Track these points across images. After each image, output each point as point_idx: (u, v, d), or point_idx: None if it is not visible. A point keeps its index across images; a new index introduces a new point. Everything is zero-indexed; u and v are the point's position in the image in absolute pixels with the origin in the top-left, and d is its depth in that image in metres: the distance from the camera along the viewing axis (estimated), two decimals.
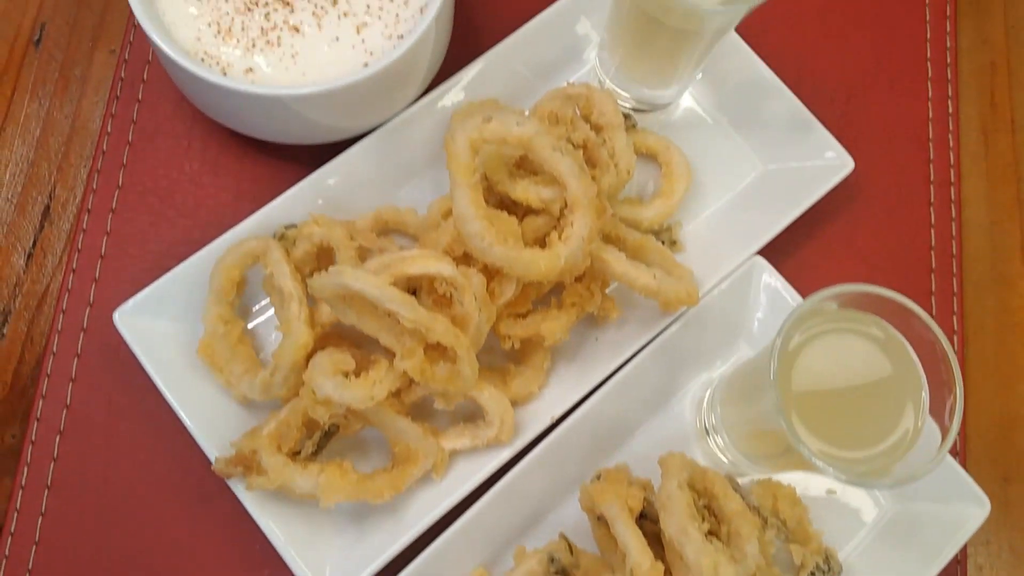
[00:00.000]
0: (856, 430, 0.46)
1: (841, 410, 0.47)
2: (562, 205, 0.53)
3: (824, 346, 0.46)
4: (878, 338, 0.46)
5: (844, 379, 0.46)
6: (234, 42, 0.55)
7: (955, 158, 0.66)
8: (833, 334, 0.47)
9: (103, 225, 0.60)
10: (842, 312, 0.46)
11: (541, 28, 0.62)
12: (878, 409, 0.46)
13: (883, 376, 0.46)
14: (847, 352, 0.46)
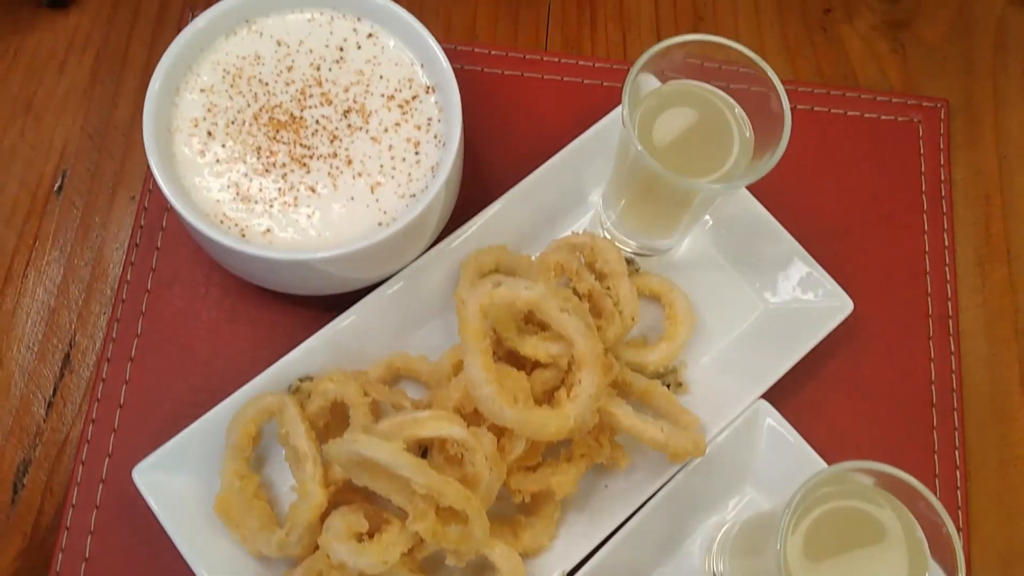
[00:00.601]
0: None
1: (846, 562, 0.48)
2: (569, 360, 0.55)
3: (830, 516, 0.48)
4: (886, 514, 0.47)
5: (850, 549, 0.48)
6: (252, 204, 0.58)
7: (952, 291, 0.68)
8: (841, 501, 0.48)
9: (122, 374, 0.62)
10: (851, 486, 0.48)
11: (546, 176, 0.64)
12: None
13: (889, 551, 0.47)
14: (853, 523, 0.48)
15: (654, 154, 0.52)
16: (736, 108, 0.55)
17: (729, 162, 0.54)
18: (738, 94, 0.55)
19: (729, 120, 0.55)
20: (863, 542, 0.47)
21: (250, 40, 0.62)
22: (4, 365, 0.63)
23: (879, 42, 0.76)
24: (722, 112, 0.56)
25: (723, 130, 0.55)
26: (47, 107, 0.70)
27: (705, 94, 0.56)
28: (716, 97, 0.56)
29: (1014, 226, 0.71)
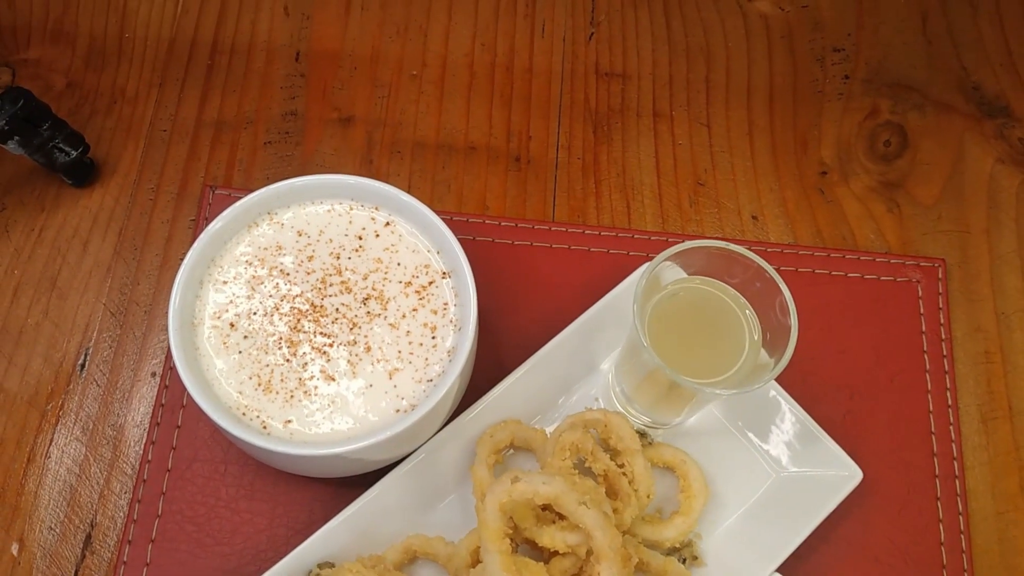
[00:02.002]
0: None
1: None
2: (588, 548, 0.58)
3: None
4: None
5: None
6: (274, 395, 0.61)
7: (958, 450, 0.71)
8: None
9: (143, 556, 0.64)
10: None
11: (558, 348, 0.68)
12: None
13: None
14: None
15: (663, 353, 0.56)
16: (748, 309, 0.59)
17: (738, 364, 0.58)
18: (747, 290, 0.59)
19: (741, 322, 0.59)
20: None
21: (272, 231, 0.66)
22: (26, 547, 0.65)
23: (875, 203, 0.80)
24: (734, 312, 0.59)
25: (734, 332, 0.59)
26: (71, 285, 0.74)
27: (717, 292, 0.60)
28: (727, 295, 0.59)
29: (1014, 382, 0.74)
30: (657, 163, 0.81)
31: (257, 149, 0.79)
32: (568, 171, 0.80)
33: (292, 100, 0.81)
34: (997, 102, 0.85)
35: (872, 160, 0.82)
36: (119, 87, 0.81)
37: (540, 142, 0.81)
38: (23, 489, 0.67)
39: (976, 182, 0.81)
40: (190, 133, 0.79)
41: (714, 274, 0.59)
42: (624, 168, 0.80)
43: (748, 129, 0.82)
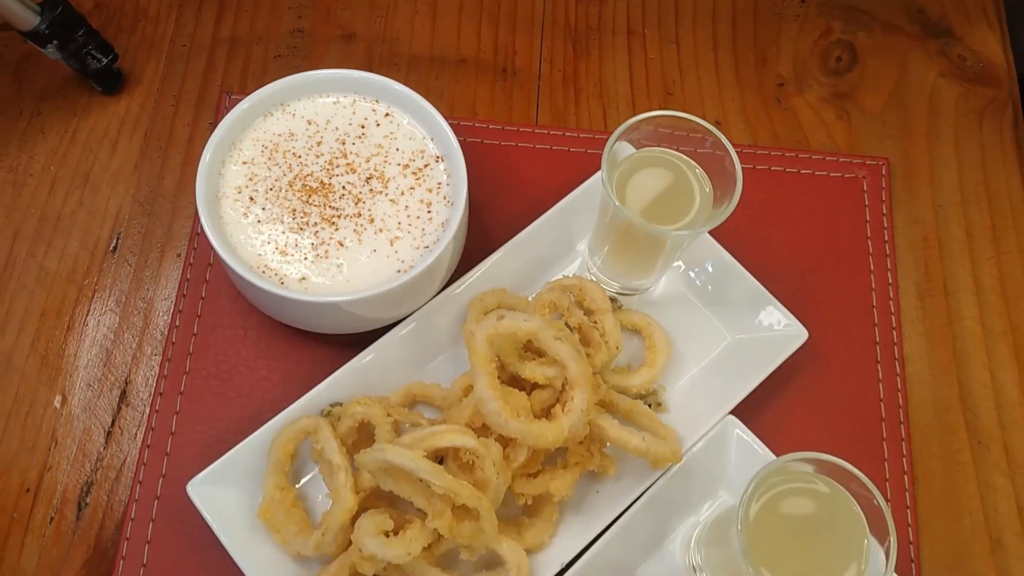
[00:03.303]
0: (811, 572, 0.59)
1: (798, 555, 0.60)
2: (563, 381, 0.68)
3: (784, 499, 0.60)
4: (826, 494, 0.60)
5: (800, 528, 0.60)
6: (289, 256, 0.71)
7: (896, 322, 0.81)
8: (790, 489, 0.60)
9: (173, 406, 0.75)
10: (796, 474, 0.60)
11: (539, 229, 0.78)
12: (830, 554, 0.59)
13: (832, 526, 0.59)
14: (800, 505, 0.60)
15: (629, 209, 0.66)
16: (697, 169, 0.69)
17: (692, 213, 0.68)
18: (698, 157, 0.69)
19: (691, 179, 0.70)
20: (809, 519, 0.60)
21: (284, 120, 0.76)
22: (68, 402, 0.76)
23: (827, 111, 0.91)
24: (685, 172, 0.70)
25: (686, 187, 0.69)
26: (102, 179, 0.84)
27: (671, 158, 0.70)
28: (680, 160, 0.70)
29: (949, 265, 0.85)
30: (631, 76, 0.91)
31: (268, 62, 0.90)
32: (550, 82, 0.90)
33: (299, 19, 0.92)
34: (940, 24, 0.95)
35: (824, 74, 0.93)
36: (142, 7, 0.91)
37: (524, 56, 0.91)
38: (63, 352, 0.77)
39: (919, 94, 0.92)
40: (207, 48, 0.90)
41: (667, 142, 0.69)
42: (601, 80, 0.91)
43: (713, 46, 0.93)
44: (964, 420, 0.79)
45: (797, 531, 0.61)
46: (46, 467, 0.73)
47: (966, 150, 0.90)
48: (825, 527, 0.60)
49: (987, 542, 0.75)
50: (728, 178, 0.66)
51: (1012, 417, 0.79)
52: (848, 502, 0.59)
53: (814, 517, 0.60)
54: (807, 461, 0.59)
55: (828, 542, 0.60)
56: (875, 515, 0.58)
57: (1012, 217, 0.87)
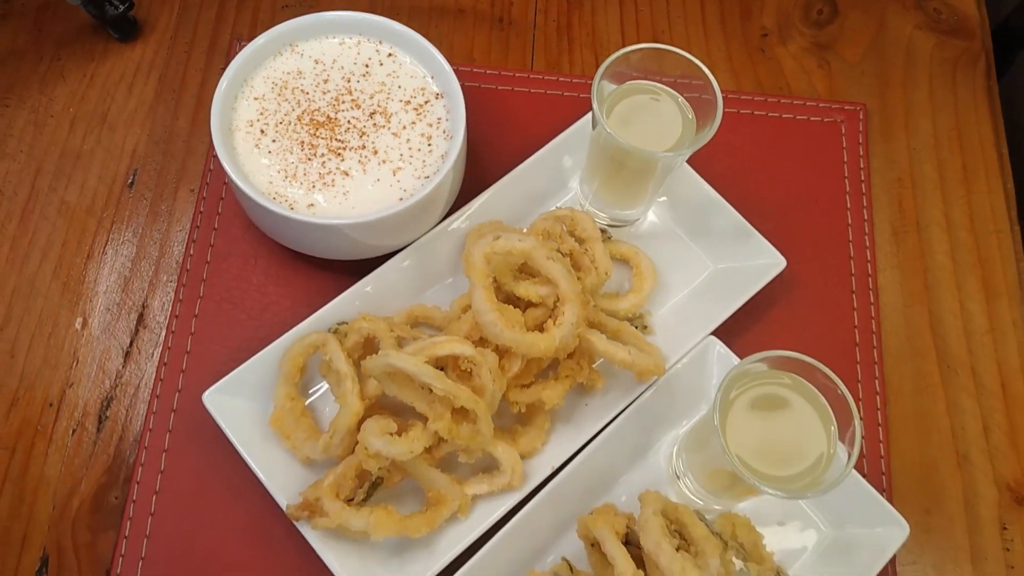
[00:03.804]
0: (784, 459, 0.64)
1: (771, 444, 0.65)
2: (555, 300, 0.73)
3: (753, 397, 0.65)
4: (794, 388, 0.65)
5: (771, 421, 0.65)
6: (298, 184, 0.76)
7: (871, 255, 0.87)
8: (759, 388, 0.66)
9: (188, 327, 0.80)
10: (766, 372, 0.65)
11: (533, 165, 0.83)
12: (799, 441, 0.65)
13: (800, 416, 0.65)
14: (771, 400, 0.65)
15: (618, 133, 0.71)
16: (679, 98, 0.74)
17: (677, 136, 0.73)
18: (680, 87, 0.74)
19: (675, 106, 0.75)
20: (779, 412, 0.65)
21: (293, 59, 0.81)
22: (88, 324, 0.81)
23: (808, 60, 0.96)
24: (669, 100, 0.75)
25: (670, 113, 0.74)
26: (119, 119, 0.89)
27: (655, 88, 0.75)
28: (663, 91, 0.75)
29: (922, 203, 0.90)
30: (622, 26, 0.96)
31: (276, 12, 0.95)
32: (545, 32, 0.95)
33: None
34: None
35: (806, 25, 0.98)
36: None
37: (520, 7, 0.96)
38: (84, 279, 0.82)
39: (896, 45, 0.97)
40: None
41: (652, 75, 0.74)
42: (593, 30, 0.96)
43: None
44: (934, 346, 0.84)
45: (769, 424, 0.66)
46: (68, 383, 0.78)
47: (940, 98, 0.95)
48: (794, 419, 0.65)
49: (954, 457, 0.80)
50: (709, 105, 0.72)
51: (979, 343, 0.84)
52: (814, 395, 0.64)
53: (783, 410, 0.65)
54: (774, 359, 0.65)
55: (797, 432, 0.65)
56: (839, 404, 0.63)
57: (983, 160, 0.92)
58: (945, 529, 0.78)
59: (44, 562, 0.73)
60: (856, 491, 0.73)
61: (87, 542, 0.73)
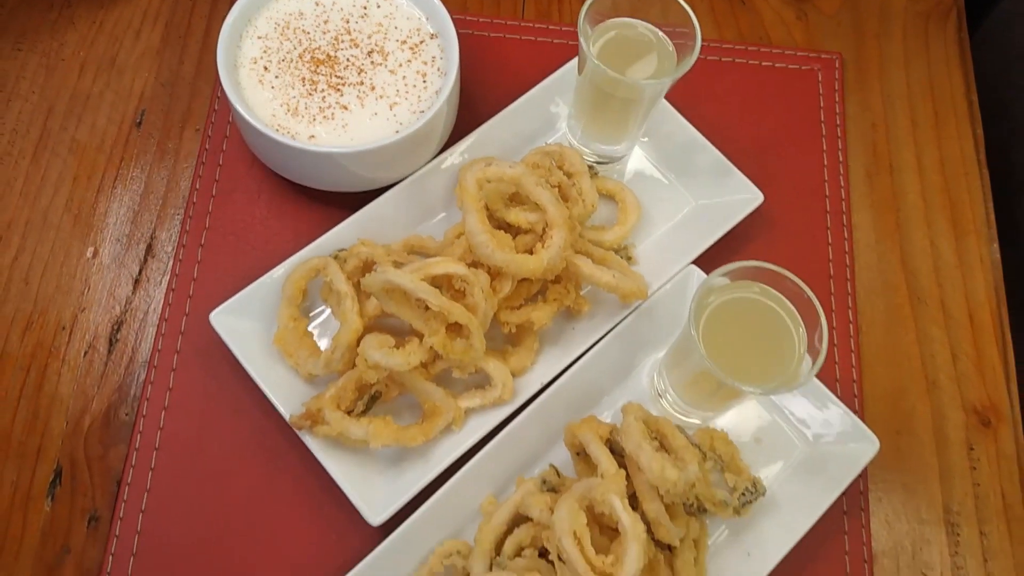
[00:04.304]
0: (758, 361, 0.69)
1: (745, 348, 0.70)
2: (544, 226, 0.77)
3: (726, 307, 0.70)
4: (763, 295, 0.69)
5: (743, 327, 0.70)
6: (299, 118, 0.80)
7: (846, 194, 0.91)
8: (730, 297, 0.70)
9: (194, 256, 0.84)
10: (736, 283, 0.70)
11: (523, 105, 0.87)
12: (771, 344, 0.69)
13: (770, 322, 0.69)
14: (742, 308, 0.70)
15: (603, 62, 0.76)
16: (659, 32, 0.79)
17: (658, 65, 0.77)
18: (661, 25, 0.79)
19: (656, 40, 0.79)
20: (752, 318, 0.69)
21: (295, 1, 0.85)
22: (99, 254, 0.84)
23: (787, 11, 1.00)
24: (648, 34, 0.79)
25: (652, 47, 0.78)
26: (127, 63, 0.93)
27: (635, 24, 0.79)
28: (645, 27, 0.79)
29: (895, 147, 0.94)
30: None
31: None
32: None
33: None
34: None
35: None
36: None
37: None
38: (94, 212, 0.86)
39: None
40: None
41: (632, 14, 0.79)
42: None
43: None
44: (905, 280, 0.89)
45: (741, 330, 0.70)
46: (80, 308, 0.82)
47: (913, 49, 0.99)
48: (765, 323, 0.69)
49: (923, 383, 0.85)
50: (687, 38, 0.76)
51: (948, 277, 0.89)
52: (782, 301, 0.69)
53: (754, 316, 0.70)
54: (743, 270, 0.69)
55: (769, 336, 0.69)
56: (806, 308, 0.67)
57: (953, 107, 0.96)
58: (915, 450, 0.83)
59: (58, 473, 0.77)
60: (829, 409, 0.78)
61: (99, 455, 0.77)
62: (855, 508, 0.79)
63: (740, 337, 0.70)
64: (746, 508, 0.74)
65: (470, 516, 0.74)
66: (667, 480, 0.67)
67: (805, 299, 0.67)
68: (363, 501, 0.72)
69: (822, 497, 0.76)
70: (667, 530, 0.69)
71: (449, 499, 0.73)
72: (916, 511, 0.80)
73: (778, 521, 0.76)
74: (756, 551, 0.74)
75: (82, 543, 0.74)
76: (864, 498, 0.80)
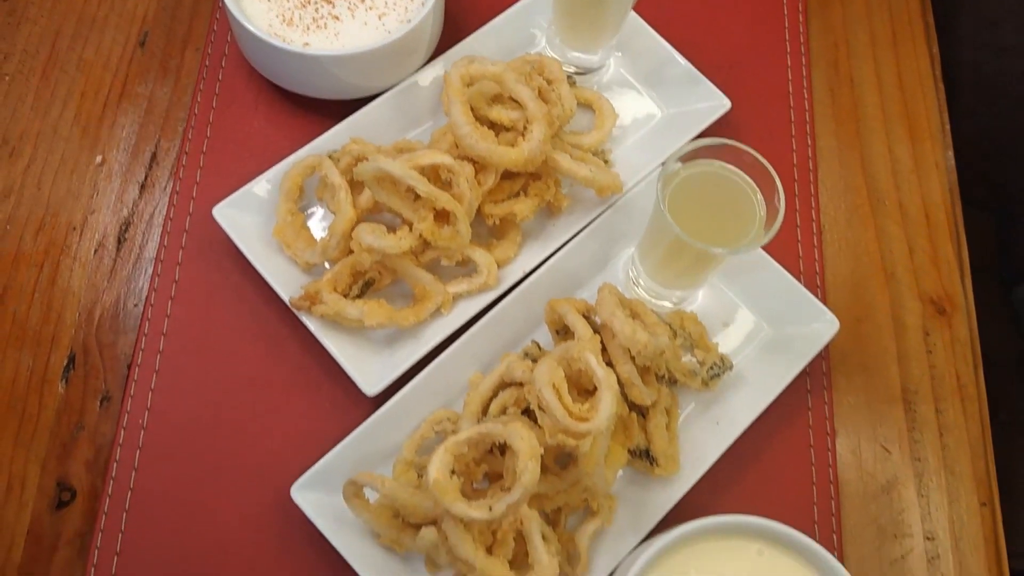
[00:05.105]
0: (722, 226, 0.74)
1: (710, 217, 0.75)
2: (524, 123, 0.82)
3: (690, 180, 0.75)
4: (722, 170, 0.75)
5: (707, 196, 0.75)
6: (294, 27, 0.85)
7: (809, 106, 0.96)
8: (694, 172, 0.75)
9: (197, 162, 0.88)
10: (699, 160, 0.75)
11: (505, 21, 0.93)
12: (733, 211, 0.75)
13: (731, 190, 0.74)
14: (705, 180, 0.75)
15: None
16: None
17: None
18: None
19: None
20: (715, 188, 0.75)
21: None
22: (107, 161, 0.89)
23: None
24: None
25: None
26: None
27: None
28: None
29: (856, 64, 1.00)
30: None
31: None
32: None
33: None
34: None
35: None
36: None
37: None
38: (101, 125, 0.91)
39: None
40: None
41: None
42: None
43: None
44: (865, 183, 0.94)
45: (706, 202, 0.76)
46: (89, 211, 0.87)
47: None
48: (727, 193, 0.75)
49: (882, 276, 0.90)
50: None
51: (906, 180, 0.94)
52: (740, 174, 0.74)
53: (717, 187, 0.75)
54: (703, 149, 0.74)
55: (731, 204, 0.75)
56: (764, 178, 0.73)
57: (910, 28, 1.02)
58: (874, 336, 0.88)
59: (71, 359, 0.81)
60: (792, 294, 0.83)
61: (110, 342, 0.82)
62: (818, 387, 0.85)
63: (705, 206, 0.75)
64: (714, 381, 0.79)
65: (459, 390, 0.79)
66: (638, 342, 0.72)
67: (761, 168, 0.72)
68: (359, 374, 0.77)
69: (786, 372, 0.81)
70: (639, 391, 0.74)
71: (439, 373, 0.78)
72: (876, 391, 0.86)
73: (744, 394, 0.81)
74: (724, 421, 0.80)
75: (95, 420, 0.79)
76: (827, 379, 0.85)
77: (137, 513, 0.75)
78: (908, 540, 0.81)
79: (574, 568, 0.72)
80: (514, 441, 0.67)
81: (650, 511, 0.75)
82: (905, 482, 0.82)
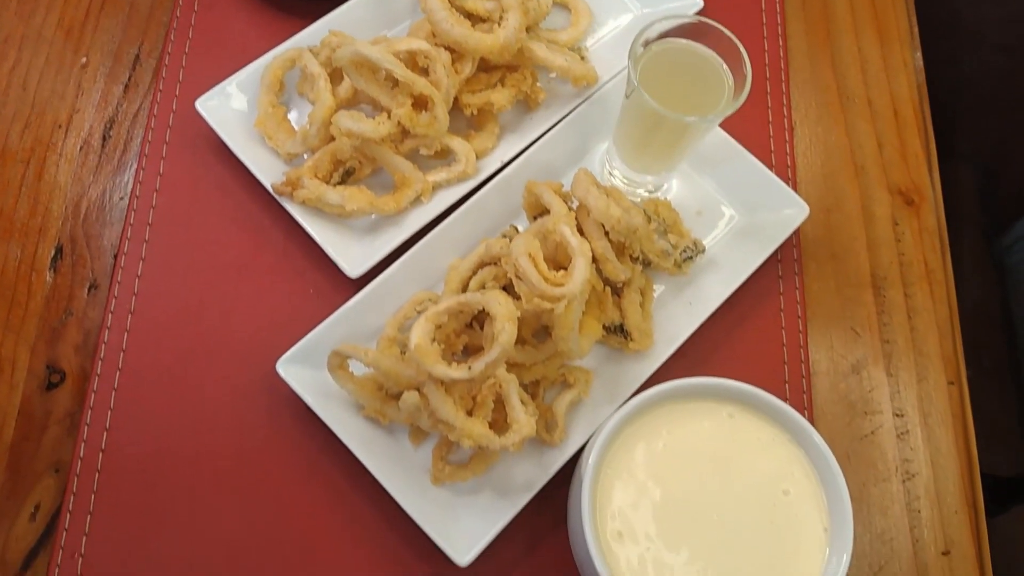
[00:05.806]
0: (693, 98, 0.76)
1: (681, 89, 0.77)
2: (500, 12, 0.83)
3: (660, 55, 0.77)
4: (690, 46, 0.76)
5: (677, 70, 0.77)
6: None
7: (780, 9, 0.98)
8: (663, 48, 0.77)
9: (179, 61, 0.89)
10: (665, 40, 0.76)
11: None
12: (703, 83, 0.76)
13: (699, 64, 0.76)
14: (674, 55, 0.76)
15: None
16: None
17: None
18: None
19: None
20: (684, 61, 0.76)
21: None
22: (91, 63, 0.90)
23: None
24: None
25: None
26: None
27: None
28: None
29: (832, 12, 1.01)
30: None
31: None
32: None
33: None
34: None
35: None
36: None
37: None
38: (84, 28, 0.91)
39: None
40: None
41: None
42: None
43: None
44: (835, 81, 0.96)
45: (676, 73, 0.77)
46: (74, 110, 0.88)
47: None
48: (695, 66, 0.76)
49: (852, 169, 0.92)
50: None
51: (875, 79, 0.96)
52: (707, 49, 0.76)
53: (686, 61, 0.77)
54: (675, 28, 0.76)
55: (701, 76, 0.77)
56: (729, 50, 0.74)
57: None
58: (844, 225, 0.89)
59: (59, 250, 0.82)
60: (763, 181, 0.85)
61: (96, 233, 0.83)
62: (789, 273, 0.86)
63: (675, 82, 0.76)
64: (687, 264, 0.81)
65: (439, 275, 0.80)
66: (612, 216, 0.74)
67: (726, 41, 0.74)
68: (342, 257, 0.79)
69: (757, 255, 0.83)
70: (614, 266, 0.76)
71: (420, 257, 0.79)
72: (846, 276, 0.87)
73: (717, 276, 0.82)
74: (697, 301, 0.81)
75: (83, 307, 0.80)
76: (799, 265, 0.87)
77: (126, 392, 0.77)
78: (878, 416, 0.83)
79: (552, 435, 0.74)
80: (492, 307, 0.68)
81: (625, 384, 0.77)
82: (875, 362, 0.84)
